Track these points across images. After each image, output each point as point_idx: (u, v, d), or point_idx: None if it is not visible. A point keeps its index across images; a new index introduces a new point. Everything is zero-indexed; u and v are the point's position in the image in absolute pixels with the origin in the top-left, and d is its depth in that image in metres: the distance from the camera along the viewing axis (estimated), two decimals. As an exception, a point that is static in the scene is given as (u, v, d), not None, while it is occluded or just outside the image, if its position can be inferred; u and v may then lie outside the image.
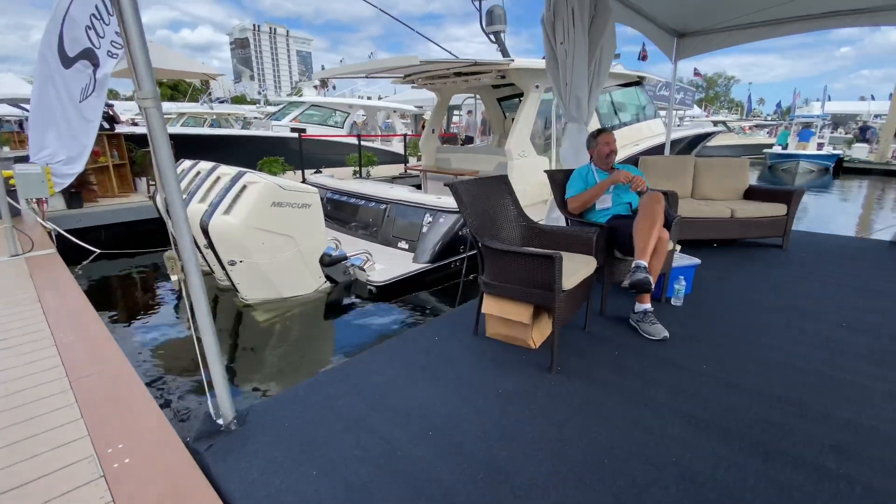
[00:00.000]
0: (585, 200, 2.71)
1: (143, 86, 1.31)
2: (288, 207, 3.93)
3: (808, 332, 2.45)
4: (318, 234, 4.24)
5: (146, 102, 1.32)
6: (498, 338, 2.30)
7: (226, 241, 3.73)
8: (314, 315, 4.24)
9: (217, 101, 25.08)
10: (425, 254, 4.74)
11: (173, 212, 1.42)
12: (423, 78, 6.88)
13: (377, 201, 5.55)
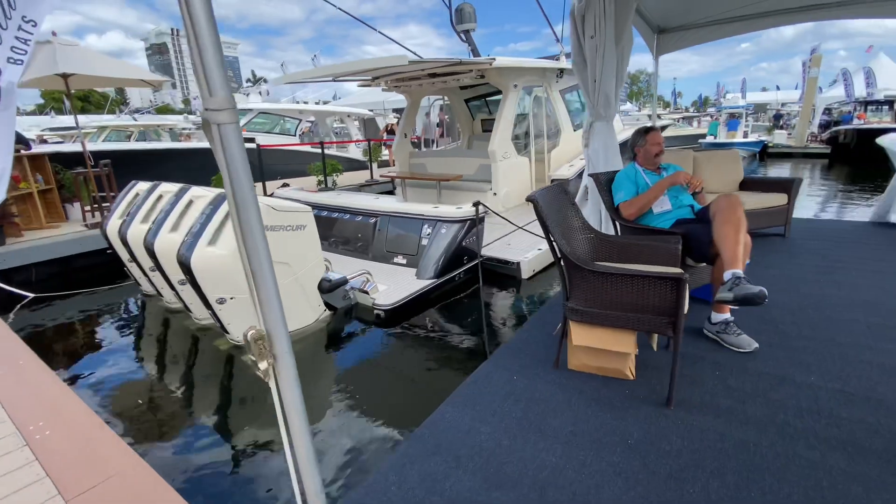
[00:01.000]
0: (643, 204, 2.50)
1: (216, 92, 0.89)
2: (282, 231, 3.42)
3: (877, 326, 2.40)
4: (316, 259, 3.75)
5: (220, 116, 0.89)
6: (585, 370, 2.02)
7: (213, 277, 3.16)
8: (316, 350, 3.74)
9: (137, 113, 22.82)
10: (429, 269, 4.37)
11: (259, 273, 1.00)
12: (394, 80, 6.49)
13: (365, 215, 5.09)
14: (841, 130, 17.06)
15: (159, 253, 3.48)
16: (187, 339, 3.99)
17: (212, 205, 3.30)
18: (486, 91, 8.26)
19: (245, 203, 0.95)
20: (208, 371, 3.58)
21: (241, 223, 0.97)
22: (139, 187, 4.26)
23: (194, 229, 3.23)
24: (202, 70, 0.88)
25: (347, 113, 13.73)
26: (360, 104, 16.30)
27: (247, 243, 0.99)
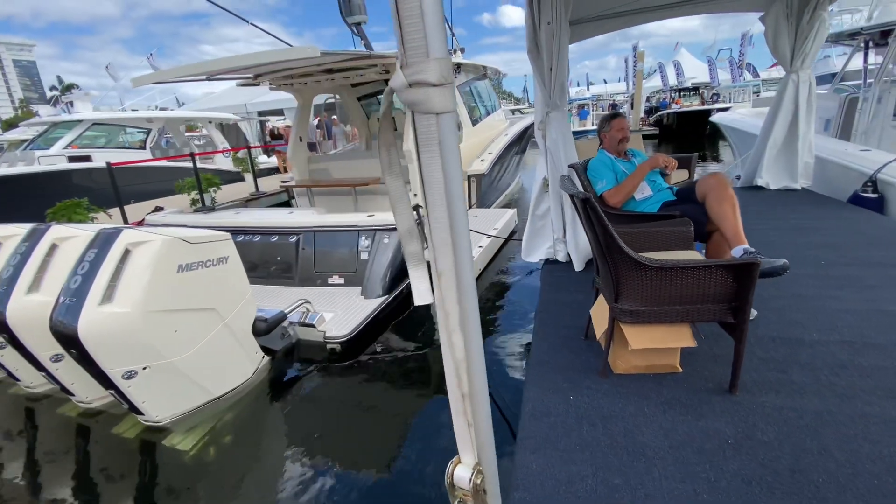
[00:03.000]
0: (628, 191, 2.47)
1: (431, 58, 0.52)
2: (200, 269, 2.67)
3: (820, 276, 2.72)
4: (245, 296, 3.04)
5: (435, 97, 0.55)
6: (634, 371, 1.89)
7: (116, 345, 2.31)
8: (259, 407, 3.05)
9: None
10: (376, 286, 3.92)
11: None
12: (283, 77, 5.72)
13: (282, 233, 4.37)
14: (664, 114, 20.48)
15: (15, 324, 2.46)
16: (69, 432, 2.94)
17: (94, 248, 2.41)
18: (377, 89, 7.86)
19: (460, 228, 0.61)
20: (111, 466, 2.67)
21: (456, 252, 0.63)
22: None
23: (73, 285, 2.32)
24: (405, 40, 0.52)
25: (209, 119, 11.93)
26: (207, 109, 14.27)
27: (462, 280, 0.63)
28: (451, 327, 0.70)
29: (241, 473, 2.50)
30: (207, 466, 2.57)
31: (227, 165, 11.52)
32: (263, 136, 15.56)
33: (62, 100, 13.44)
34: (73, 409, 3.00)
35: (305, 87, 6.10)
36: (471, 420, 0.75)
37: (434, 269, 0.71)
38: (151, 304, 2.37)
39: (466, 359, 0.72)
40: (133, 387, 2.44)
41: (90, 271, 2.32)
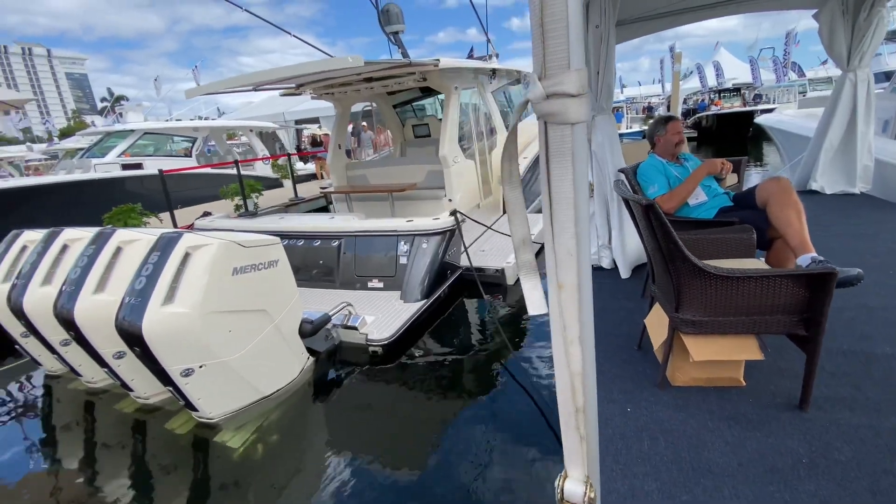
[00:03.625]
0: (683, 197, 2.40)
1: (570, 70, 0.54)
2: (252, 272, 2.77)
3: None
4: (293, 298, 3.13)
5: (572, 108, 0.55)
6: (694, 384, 1.83)
7: (176, 344, 2.42)
8: (305, 407, 3.12)
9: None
10: (415, 290, 3.95)
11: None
12: (324, 86, 5.89)
13: (325, 237, 4.48)
14: (703, 116, 19.83)
15: (82, 322, 2.61)
16: (125, 426, 3.09)
17: (157, 251, 2.54)
18: (412, 96, 7.98)
19: (584, 241, 0.62)
20: (164, 461, 2.78)
21: (579, 265, 0.64)
22: (27, 238, 3.21)
23: (137, 286, 2.45)
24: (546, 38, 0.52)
25: (250, 127, 12.41)
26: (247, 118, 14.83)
27: (583, 293, 0.64)
28: (569, 339, 0.70)
29: (286, 472, 2.56)
30: (255, 464, 2.65)
31: (267, 172, 11.95)
32: (299, 143, 16.04)
33: (115, 110, 14.26)
34: (131, 404, 3.16)
35: (345, 96, 6.26)
36: (583, 433, 0.74)
37: (554, 279, 0.71)
38: (209, 305, 2.47)
39: (583, 372, 0.71)
40: (190, 384, 2.55)
41: (153, 273, 2.45)
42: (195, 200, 8.60)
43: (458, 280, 4.46)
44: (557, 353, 0.72)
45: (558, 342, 0.71)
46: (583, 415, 0.73)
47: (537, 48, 0.57)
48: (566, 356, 0.71)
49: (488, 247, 4.99)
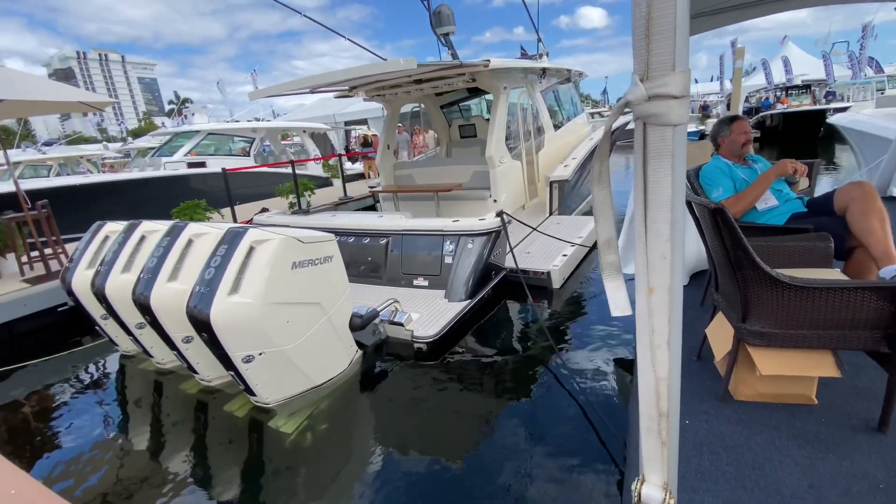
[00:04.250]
0: (750, 201, 2.28)
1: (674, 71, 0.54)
2: (310, 266, 2.90)
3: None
4: (345, 293, 3.25)
5: (672, 110, 0.57)
6: (760, 399, 1.74)
7: (240, 332, 2.58)
8: (352, 398, 3.22)
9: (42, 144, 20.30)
10: (460, 290, 3.98)
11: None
12: (375, 88, 6.05)
13: (374, 235, 4.60)
14: (767, 115, 18.58)
15: (157, 308, 2.84)
16: (189, 405, 3.32)
17: (224, 244, 2.72)
18: (459, 97, 8.03)
19: (679, 245, 0.62)
20: (222, 441, 2.96)
21: (672, 269, 0.62)
22: (109, 228, 3.53)
23: (206, 276, 2.64)
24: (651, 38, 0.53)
25: (303, 128, 12.95)
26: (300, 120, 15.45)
27: (675, 298, 0.64)
28: (656, 343, 0.70)
29: (334, 459, 2.67)
30: (305, 449, 2.77)
31: (318, 171, 12.42)
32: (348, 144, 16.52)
33: (182, 112, 15.30)
34: (195, 385, 3.39)
35: (395, 98, 6.40)
36: (665, 439, 0.74)
37: (644, 283, 0.71)
38: (270, 297, 2.61)
39: (668, 377, 0.71)
40: (250, 370, 2.71)
41: (221, 264, 2.63)
42: (252, 197, 9.09)
43: (502, 281, 4.45)
44: (643, 357, 0.72)
45: (644, 345, 0.71)
46: (666, 420, 0.72)
47: (640, 49, 0.57)
48: (652, 360, 0.70)
49: (534, 249, 4.94)
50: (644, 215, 0.67)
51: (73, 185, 7.10)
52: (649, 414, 0.73)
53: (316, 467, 2.61)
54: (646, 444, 0.75)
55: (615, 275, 0.76)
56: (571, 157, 6.80)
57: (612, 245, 0.77)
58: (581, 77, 9.74)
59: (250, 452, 2.82)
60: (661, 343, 0.69)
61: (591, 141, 7.69)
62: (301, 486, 2.47)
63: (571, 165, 6.47)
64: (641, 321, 0.71)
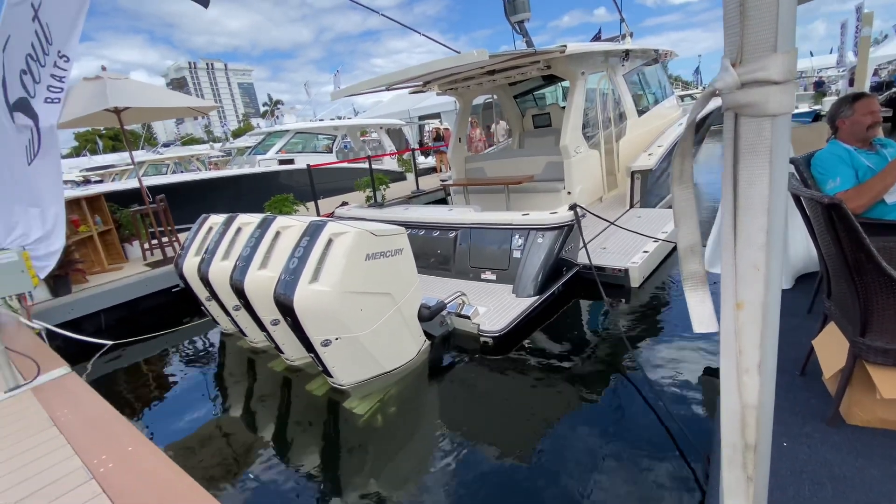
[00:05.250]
0: (878, 192, 1.96)
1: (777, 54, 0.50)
2: (381, 258, 3.03)
3: None
4: (414, 285, 3.36)
5: (773, 98, 0.52)
6: (879, 426, 1.51)
7: (318, 317, 2.79)
8: (420, 386, 3.33)
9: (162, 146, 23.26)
10: (528, 285, 3.92)
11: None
12: (448, 82, 6.11)
13: (443, 228, 4.69)
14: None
15: (249, 293, 3.15)
16: (276, 382, 3.66)
17: (307, 236, 2.94)
18: (533, 85, 7.81)
19: (776, 253, 0.57)
20: (303, 417, 3.23)
21: (767, 282, 0.57)
22: (212, 221, 3.97)
23: (291, 265, 2.88)
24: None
25: (380, 125, 13.47)
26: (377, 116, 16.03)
27: (769, 316, 0.60)
28: (743, 367, 0.63)
29: (401, 442, 2.79)
30: (375, 431, 2.92)
31: (392, 166, 12.88)
32: (422, 138, 16.89)
33: (274, 113, 16.67)
34: (281, 364, 3.72)
35: (468, 90, 6.41)
36: (751, 474, 0.67)
37: (731, 297, 0.64)
38: (346, 286, 2.79)
39: (758, 405, 0.64)
40: (328, 353, 2.91)
41: (303, 255, 2.85)
42: (334, 191, 9.68)
43: (574, 278, 4.30)
44: (727, 380, 0.65)
45: (729, 367, 0.64)
46: (753, 454, 0.65)
47: (732, 26, 0.51)
48: (738, 385, 0.64)
49: (610, 244, 4.71)
50: (734, 219, 0.60)
51: (184, 181, 8.09)
52: (733, 444, 0.66)
53: (384, 448, 2.75)
54: (728, 475, 0.68)
55: (699, 286, 0.68)
56: (657, 144, 6.32)
57: (695, 252, 0.70)
58: (670, 57, 9.00)
59: (326, 429, 3.04)
60: (749, 367, 0.62)
61: (679, 126, 7.09)
62: (370, 463, 2.63)
63: (656, 154, 6.02)
64: (727, 340, 0.64)
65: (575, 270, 4.31)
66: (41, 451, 1.95)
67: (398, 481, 2.45)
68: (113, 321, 5.00)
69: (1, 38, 3.53)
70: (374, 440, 2.85)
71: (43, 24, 3.65)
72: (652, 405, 2.65)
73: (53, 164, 4.05)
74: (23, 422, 2.23)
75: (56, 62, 3.80)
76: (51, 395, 2.51)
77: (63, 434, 2.07)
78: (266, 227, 3.31)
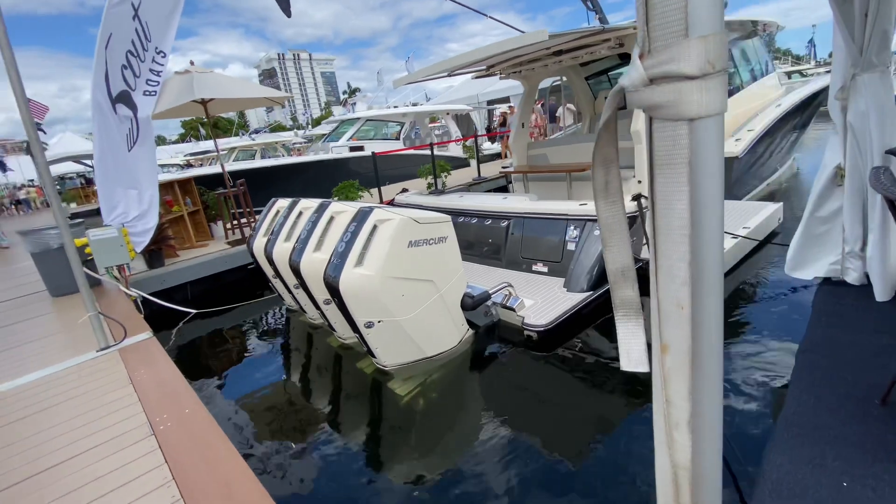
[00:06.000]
0: None
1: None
2: (425, 245, 3.04)
3: None
4: (458, 273, 3.34)
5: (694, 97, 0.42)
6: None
7: (362, 300, 2.89)
8: (461, 374, 3.33)
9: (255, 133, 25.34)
10: (580, 280, 3.72)
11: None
12: (511, 65, 5.89)
13: (495, 217, 4.60)
14: None
15: (305, 273, 3.34)
16: (329, 357, 3.87)
17: (355, 221, 3.04)
18: (610, 65, 7.30)
19: (710, 287, 0.46)
20: (350, 392, 3.38)
21: (696, 325, 0.48)
22: (279, 204, 4.25)
23: (339, 249, 2.99)
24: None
25: (446, 111, 13.47)
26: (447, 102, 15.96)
27: (702, 366, 0.49)
28: (672, 420, 0.53)
29: (440, 426, 2.82)
30: (416, 413, 2.99)
31: (458, 152, 12.86)
32: (490, 123, 16.63)
33: (348, 101, 17.34)
34: (335, 341, 3.92)
35: (532, 73, 6.15)
36: None
37: (656, 336, 0.53)
38: (388, 271, 2.84)
39: (692, 468, 0.53)
40: (370, 335, 3.01)
41: (351, 240, 2.94)
42: (400, 178, 9.90)
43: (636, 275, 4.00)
44: (658, 433, 0.54)
45: (658, 419, 0.53)
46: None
47: (640, 11, 0.41)
48: (667, 441, 0.53)
49: (678, 238, 4.31)
50: (654, 246, 0.50)
51: (262, 167, 8.73)
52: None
53: (422, 430, 2.81)
54: None
55: (632, 316, 0.56)
56: (746, 128, 5.63)
57: (627, 276, 0.59)
58: (773, 30, 7.93)
59: (371, 406, 3.17)
60: (679, 421, 0.51)
61: (777, 108, 6.25)
62: (409, 443, 2.71)
63: (744, 139, 5.37)
64: (656, 386, 0.53)
65: (637, 266, 4.01)
66: (116, 405, 2.25)
67: (430, 463, 2.49)
68: (198, 292, 5.58)
69: (104, 36, 4.00)
70: (413, 422, 2.92)
71: (142, 22, 4.09)
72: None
73: (149, 151, 4.57)
74: (107, 378, 2.58)
75: (154, 58, 4.25)
76: (133, 356, 2.87)
77: (136, 392, 2.37)
78: (322, 212, 3.47)
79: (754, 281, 3.99)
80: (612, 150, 0.56)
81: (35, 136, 2.65)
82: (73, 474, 1.81)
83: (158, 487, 1.67)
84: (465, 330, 3.48)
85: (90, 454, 1.93)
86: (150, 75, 4.29)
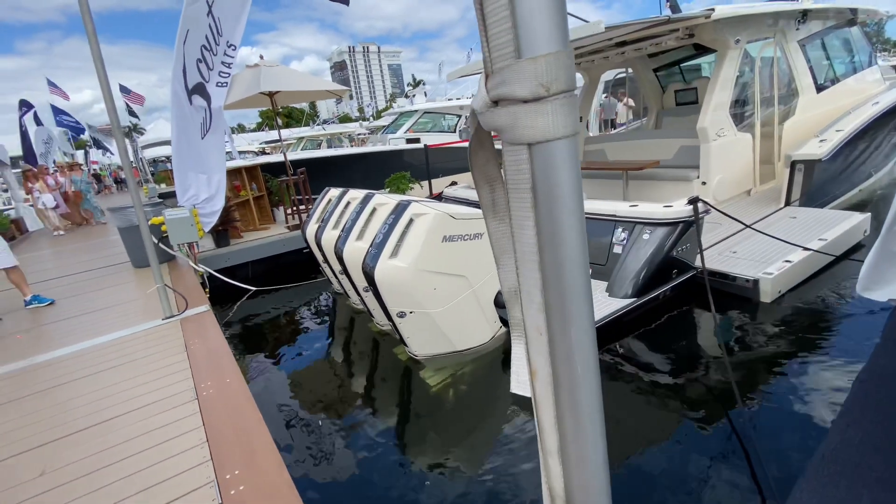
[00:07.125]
0: None
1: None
2: (459, 241, 3.05)
3: None
4: (493, 270, 3.30)
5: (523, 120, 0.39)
6: None
7: (394, 290, 2.97)
8: (492, 371, 3.32)
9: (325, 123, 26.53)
10: (625, 285, 3.54)
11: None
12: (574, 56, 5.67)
13: (542, 215, 4.48)
14: None
15: (347, 261, 3.48)
16: (368, 342, 4.03)
17: (393, 214, 3.11)
18: (681, 56, 6.79)
19: (575, 313, 0.44)
20: (384, 377, 3.51)
21: (558, 348, 0.46)
22: (331, 193, 4.45)
23: (377, 239, 3.09)
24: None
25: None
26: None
27: (576, 391, 0.48)
28: (546, 447, 0.50)
29: (465, 419, 2.85)
30: (444, 403, 3.04)
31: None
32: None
33: (409, 94, 17.63)
34: (374, 326, 4.07)
35: (592, 65, 5.89)
36: None
37: (529, 360, 0.50)
38: (421, 264, 2.89)
39: (566, 498, 0.50)
40: (403, 324, 3.08)
41: (388, 231, 3.03)
42: (454, 171, 9.93)
43: (688, 283, 3.74)
44: (540, 458, 0.51)
45: (540, 447, 0.50)
46: None
47: (480, 29, 0.38)
48: (544, 467, 0.50)
49: (743, 248, 3.97)
50: (516, 268, 0.46)
51: (321, 156, 9.15)
52: None
53: (449, 421, 2.87)
54: None
55: (523, 337, 0.53)
56: (835, 128, 5.01)
57: (518, 296, 0.55)
58: (878, 18, 6.96)
59: (402, 392, 3.27)
60: (551, 450, 0.48)
61: (875, 106, 5.50)
62: (435, 432, 2.78)
63: (831, 140, 4.79)
64: (535, 412, 0.50)
65: (690, 274, 3.75)
66: (170, 370, 2.51)
67: (451, 454, 2.53)
68: (259, 272, 6.01)
69: (182, 32, 4.38)
70: (441, 411, 2.98)
71: (216, 18, 4.42)
72: (745, 446, 2.23)
73: (220, 139, 4.96)
74: (167, 344, 2.88)
75: (225, 51, 4.59)
76: (190, 326, 3.17)
77: (189, 360, 2.62)
78: (366, 203, 3.59)
79: (824, 298, 3.58)
80: (493, 168, 0.54)
81: (117, 123, 2.97)
82: (129, 427, 2.06)
83: (193, 447, 1.85)
84: (498, 327, 3.46)
85: (144, 410, 2.17)
86: (221, 67, 4.64)
